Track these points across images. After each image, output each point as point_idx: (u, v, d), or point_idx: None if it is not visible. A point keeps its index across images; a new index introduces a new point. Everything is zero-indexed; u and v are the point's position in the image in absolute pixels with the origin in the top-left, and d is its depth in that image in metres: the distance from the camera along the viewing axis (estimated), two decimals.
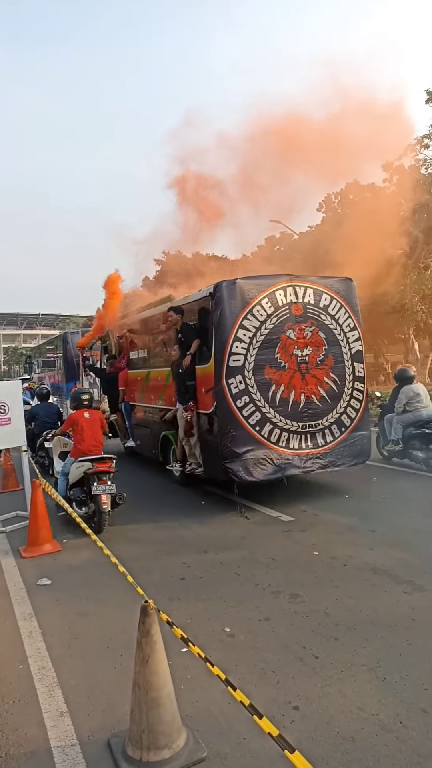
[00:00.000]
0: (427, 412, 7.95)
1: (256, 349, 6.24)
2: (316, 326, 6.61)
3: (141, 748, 2.24)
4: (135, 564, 4.61)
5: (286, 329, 6.40)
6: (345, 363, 6.82)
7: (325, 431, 6.60)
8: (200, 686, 2.83)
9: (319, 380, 6.59)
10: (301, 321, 6.52)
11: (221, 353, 6.16)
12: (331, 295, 6.76)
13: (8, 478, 8.39)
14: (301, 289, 6.59)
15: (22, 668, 3.16)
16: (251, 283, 6.36)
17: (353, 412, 6.83)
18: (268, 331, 6.30)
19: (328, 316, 6.73)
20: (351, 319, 6.90)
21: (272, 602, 3.83)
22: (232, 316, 6.17)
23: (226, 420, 6.14)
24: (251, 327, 6.22)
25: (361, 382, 6.95)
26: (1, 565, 4.98)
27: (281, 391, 6.33)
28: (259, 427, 6.19)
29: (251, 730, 2.42)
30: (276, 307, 6.38)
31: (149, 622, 2.28)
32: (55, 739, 2.50)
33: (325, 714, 2.57)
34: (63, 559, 5.03)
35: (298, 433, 6.42)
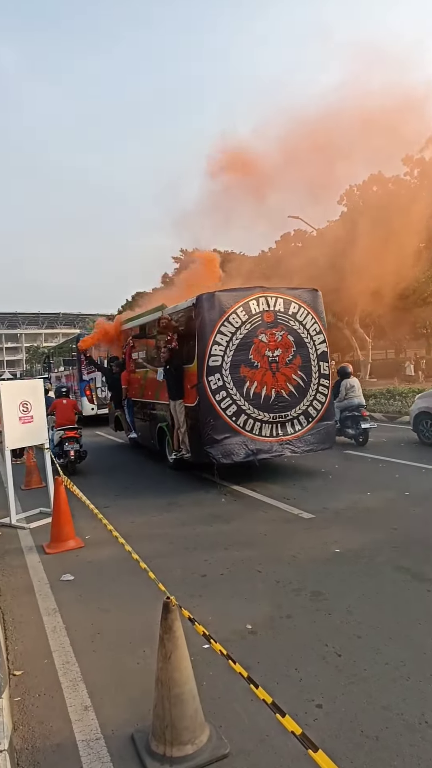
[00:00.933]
0: (358, 400, 10.10)
1: (232, 351, 7.25)
2: (285, 331, 7.60)
3: (164, 743, 2.25)
4: (156, 561, 4.64)
5: (259, 333, 7.40)
6: (312, 362, 7.84)
7: (294, 421, 7.61)
8: (222, 683, 2.84)
9: (288, 377, 7.60)
10: (272, 326, 7.51)
11: (202, 355, 7.17)
12: (299, 303, 7.77)
13: (32, 476, 8.52)
14: (272, 299, 7.60)
15: (47, 662, 3.21)
16: (228, 295, 7.39)
17: (319, 404, 7.85)
18: (243, 335, 7.31)
19: (297, 322, 7.73)
20: (317, 324, 7.93)
21: (294, 599, 3.82)
22: (211, 323, 7.18)
23: (206, 412, 7.14)
24: (228, 332, 7.24)
25: (326, 378, 7.94)
26: (26, 560, 5.06)
27: (254, 386, 7.33)
28: (236, 418, 7.21)
29: (274, 727, 2.42)
30: (250, 314, 7.38)
31: (171, 618, 2.29)
32: (80, 733, 2.54)
33: (348, 712, 2.55)
34: (86, 555, 5.08)
35: (270, 422, 7.42)
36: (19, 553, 5.32)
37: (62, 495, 5.41)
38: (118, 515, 6.28)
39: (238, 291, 7.63)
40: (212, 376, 7.15)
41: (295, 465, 8.60)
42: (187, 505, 6.67)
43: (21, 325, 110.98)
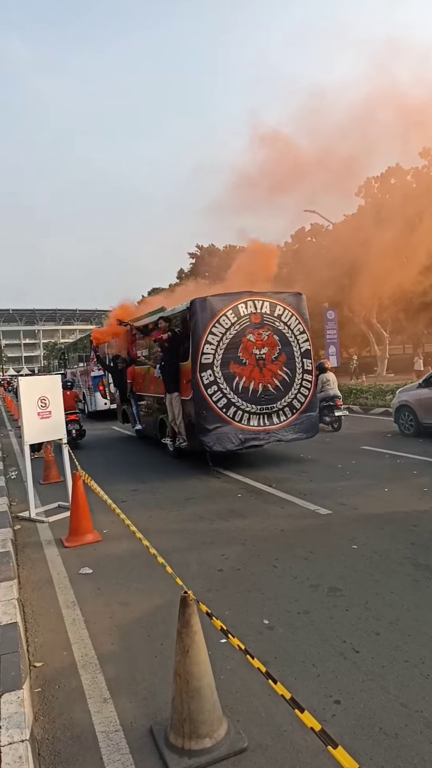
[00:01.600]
0: (333, 392, 11.78)
1: (222, 350, 7.94)
2: (271, 331, 8.28)
3: (183, 736, 2.27)
4: (173, 555, 4.67)
5: (247, 333, 8.08)
6: (296, 359, 8.50)
7: (279, 412, 8.32)
8: (240, 677, 2.84)
9: (274, 373, 8.28)
10: (259, 327, 8.18)
11: (195, 353, 7.87)
12: (284, 306, 8.43)
13: (50, 470, 8.61)
14: (259, 302, 8.25)
15: (66, 654, 3.25)
16: (219, 299, 8.08)
17: (303, 397, 8.54)
18: (233, 335, 7.99)
19: (282, 323, 8.39)
20: (300, 324, 8.58)
21: (311, 595, 3.81)
22: (203, 325, 7.87)
23: (199, 404, 7.86)
24: (218, 332, 7.92)
25: (309, 374, 8.66)
26: (45, 554, 5.13)
27: (243, 381, 8.03)
28: (226, 410, 7.90)
29: (292, 722, 2.42)
30: (239, 316, 8.06)
31: (189, 612, 2.30)
32: (99, 724, 2.57)
33: (366, 709, 2.54)
34: (104, 549, 5.13)
35: (257, 414, 8.12)
36: (38, 546, 5.39)
37: (80, 489, 5.46)
38: (136, 509, 6.33)
39: (228, 295, 8.29)
40: (204, 372, 7.84)
41: (312, 460, 8.57)
42: (204, 500, 6.68)
43: (39, 321, 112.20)
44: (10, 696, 2.57)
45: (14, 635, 3.19)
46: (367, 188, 28.51)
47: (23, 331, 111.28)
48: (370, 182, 28.37)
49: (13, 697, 2.55)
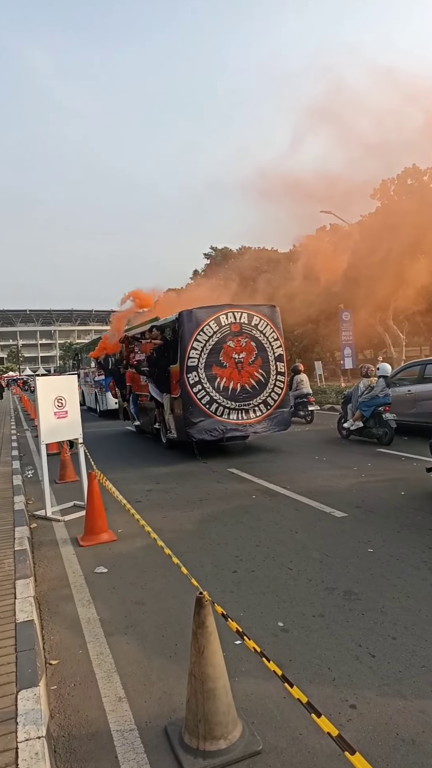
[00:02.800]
0: (306, 390, 13.51)
1: (206, 354, 9.27)
2: (248, 338, 9.63)
3: (198, 737, 2.27)
4: (188, 555, 4.68)
5: (228, 340, 9.43)
6: (270, 363, 9.83)
7: (255, 408, 9.64)
8: (254, 679, 2.84)
9: (251, 374, 9.62)
10: (238, 335, 9.55)
11: (183, 357, 9.21)
12: (260, 317, 9.78)
13: (65, 469, 8.68)
14: (238, 314, 9.61)
15: (82, 653, 3.27)
16: (203, 311, 9.44)
17: (276, 396, 9.87)
18: (215, 342, 9.33)
19: (258, 331, 9.74)
20: (275, 332, 9.93)
21: (326, 598, 3.78)
22: (189, 333, 9.22)
23: (186, 401, 9.21)
24: (202, 340, 9.27)
25: (282, 375, 9.95)
26: (61, 552, 5.18)
27: (224, 381, 9.37)
28: (209, 406, 9.22)
29: (307, 725, 2.41)
30: (220, 326, 9.41)
31: (204, 613, 2.30)
32: (114, 723, 2.58)
33: (383, 714, 2.51)
34: (118, 548, 5.16)
35: (236, 409, 9.46)
36: (54, 544, 5.44)
37: (95, 489, 5.50)
38: (150, 509, 6.35)
39: (211, 308, 9.62)
40: (190, 374, 9.18)
41: (327, 462, 8.51)
42: (218, 500, 6.68)
43: (55, 322, 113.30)
44: (27, 693, 2.59)
45: (30, 633, 3.22)
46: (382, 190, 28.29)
47: (40, 331, 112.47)
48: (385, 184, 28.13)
49: (30, 694, 2.58)
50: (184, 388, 9.21)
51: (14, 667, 2.84)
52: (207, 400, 9.19)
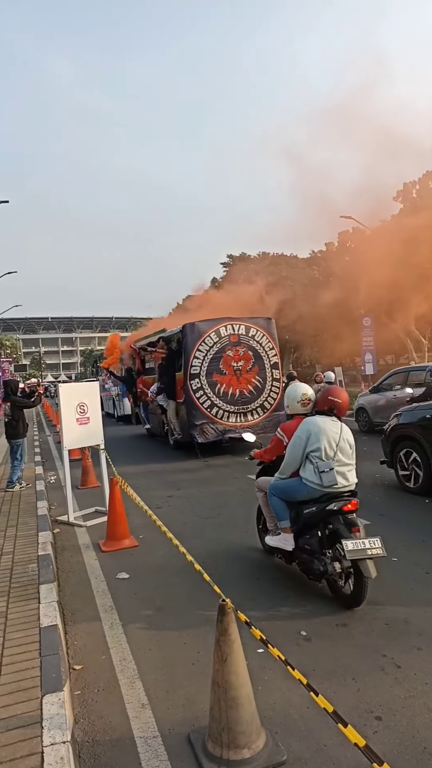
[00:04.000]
0: None
1: (207, 363, 10.28)
2: (246, 348, 10.62)
3: (221, 746, 2.26)
4: (209, 562, 4.67)
5: (227, 350, 10.45)
6: (266, 370, 10.87)
7: (253, 411, 10.69)
8: (278, 688, 2.81)
9: (249, 381, 10.62)
10: (237, 345, 10.55)
11: (186, 365, 10.30)
12: (257, 328, 10.81)
13: (87, 475, 8.76)
14: (236, 326, 10.63)
15: (105, 659, 3.29)
16: (204, 323, 10.51)
17: (272, 400, 10.88)
18: (215, 351, 10.35)
19: (255, 341, 10.75)
20: (270, 342, 10.94)
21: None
22: (192, 344, 10.27)
23: (189, 405, 10.26)
24: (204, 350, 10.29)
25: (277, 381, 10.99)
26: (83, 558, 5.22)
27: (224, 387, 10.37)
28: (210, 409, 10.27)
29: (332, 736, 2.38)
30: (220, 337, 10.43)
31: (227, 620, 2.29)
32: (137, 730, 2.58)
33: (410, 727, 2.47)
34: (140, 554, 5.18)
35: (235, 413, 10.50)
36: (76, 550, 5.49)
37: (117, 495, 5.54)
38: (171, 515, 6.37)
39: (211, 320, 10.72)
40: (193, 381, 10.18)
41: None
42: (239, 507, 6.66)
43: (76, 329, 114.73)
44: (52, 697, 2.62)
45: (54, 637, 3.25)
46: (405, 193, 28.05)
47: (61, 338, 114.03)
48: (408, 186, 27.90)
49: (54, 699, 2.60)
50: (187, 394, 10.23)
51: (39, 672, 2.88)
52: (208, 404, 10.22)
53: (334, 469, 3.89)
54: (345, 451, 3.99)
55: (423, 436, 6.51)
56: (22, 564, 4.69)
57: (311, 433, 3.96)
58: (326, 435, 3.93)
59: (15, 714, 2.52)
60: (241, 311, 19.37)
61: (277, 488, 4.20)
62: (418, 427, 6.64)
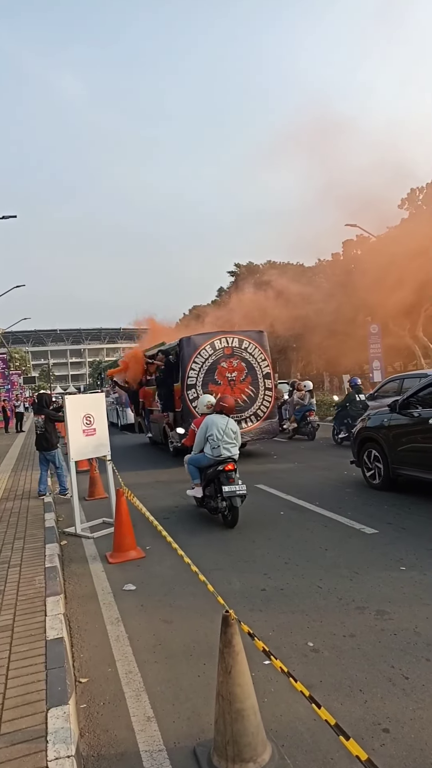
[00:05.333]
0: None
1: (203, 374, 10.94)
2: (239, 359, 11.31)
3: (226, 759, 2.24)
4: (215, 573, 4.66)
5: (221, 361, 11.12)
6: (259, 380, 11.49)
7: (247, 419, 11.29)
8: (284, 700, 2.79)
9: (242, 390, 11.27)
10: (230, 357, 11.23)
11: (183, 376, 10.97)
12: (249, 341, 11.49)
13: (95, 486, 8.78)
14: (230, 339, 11.35)
15: (111, 671, 3.28)
16: (200, 337, 11.23)
17: (265, 408, 11.54)
18: (210, 363, 11.03)
19: (248, 353, 11.42)
20: (262, 354, 11.60)
21: (357, 618, 3.70)
22: (188, 356, 10.95)
23: (186, 414, 10.75)
24: (200, 361, 10.98)
25: (269, 390, 11.61)
26: (90, 569, 5.22)
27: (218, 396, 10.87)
28: None
29: (339, 749, 2.35)
30: (215, 349, 11.13)
31: (231, 632, 2.28)
32: (143, 743, 2.57)
33: (418, 739, 2.43)
34: (147, 565, 5.17)
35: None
36: (83, 561, 5.49)
37: (123, 506, 5.54)
38: (178, 526, 6.36)
39: (206, 334, 11.51)
40: (190, 391, 10.79)
41: (355, 478, 8.37)
42: (246, 516, 6.63)
43: (84, 340, 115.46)
44: (57, 711, 2.61)
45: (60, 650, 3.25)
46: (411, 199, 28.07)
47: (70, 350, 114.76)
48: (414, 192, 27.92)
49: (60, 712, 2.59)
50: (184, 403, 10.86)
51: (44, 685, 2.87)
52: None
53: (221, 446, 6.34)
54: (229, 435, 6.42)
55: (382, 438, 7.41)
56: (28, 576, 4.70)
57: (208, 425, 6.46)
58: (217, 426, 6.41)
59: (20, 728, 2.52)
60: (248, 322, 19.79)
61: (191, 459, 6.79)
62: (378, 430, 7.54)
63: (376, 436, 7.57)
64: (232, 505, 6.10)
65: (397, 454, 7.08)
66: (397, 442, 7.08)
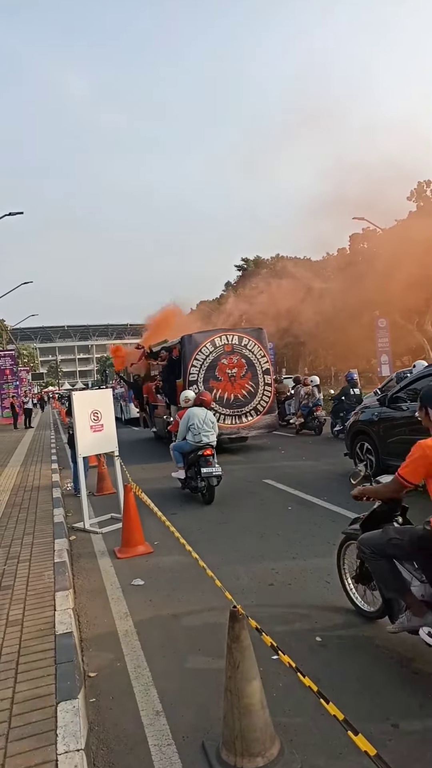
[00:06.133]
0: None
1: (203, 371, 11.34)
2: (239, 356, 11.69)
3: (235, 754, 2.24)
4: (223, 568, 4.66)
5: (222, 358, 11.51)
6: (258, 376, 11.80)
7: (247, 414, 11.58)
8: (292, 695, 2.79)
9: (242, 386, 11.60)
10: (231, 353, 11.61)
11: (185, 373, 11.35)
12: (248, 338, 11.88)
13: (103, 482, 8.82)
14: (230, 336, 11.76)
15: (119, 666, 3.30)
16: (201, 335, 11.74)
17: (264, 403, 11.77)
18: (211, 360, 11.43)
19: (247, 350, 11.79)
20: (261, 350, 11.96)
21: None
22: (190, 353, 11.34)
23: None
24: (201, 358, 11.39)
25: (269, 386, 11.91)
26: (99, 564, 5.25)
27: (219, 392, 11.36)
28: None
29: (348, 744, 2.33)
30: (215, 346, 11.55)
31: (238, 627, 2.28)
32: (152, 737, 2.58)
33: (427, 734, 2.43)
34: (155, 560, 5.19)
35: (230, 415, 11.43)
36: (92, 556, 5.52)
37: (132, 501, 5.56)
38: (185, 521, 6.37)
39: (207, 332, 12.11)
40: (191, 387, 10.84)
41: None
42: (254, 512, 6.64)
43: (92, 336, 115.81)
44: (66, 705, 2.63)
45: (69, 645, 3.27)
46: (419, 192, 27.81)
47: (77, 346, 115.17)
48: (422, 186, 27.66)
49: (69, 707, 2.61)
50: None
51: (54, 679, 2.89)
52: None
53: (201, 434, 7.44)
54: (208, 425, 7.52)
55: (373, 431, 7.72)
56: (38, 571, 4.73)
57: (190, 416, 7.55)
58: (197, 417, 7.51)
59: (30, 722, 2.54)
60: (259, 317, 19.97)
61: (175, 446, 7.81)
62: (369, 424, 7.87)
63: (367, 430, 7.89)
64: (209, 485, 7.12)
65: (387, 446, 7.39)
66: (387, 434, 7.40)
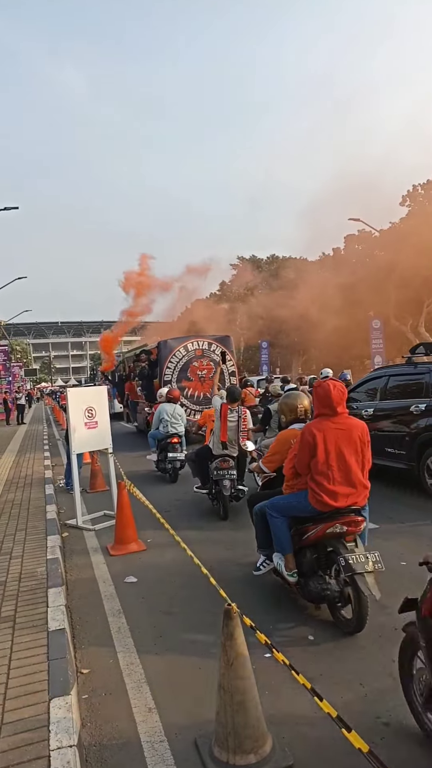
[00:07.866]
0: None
1: (177, 372, 12.95)
2: (209, 360, 13.26)
3: (227, 751, 2.25)
4: (217, 566, 4.67)
5: (193, 361, 13.14)
6: (225, 378, 13.10)
7: None
8: (285, 693, 2.80)
9: (211, 386, 11.42)
10: (201, 357, 13.25)
11: (160, 373, 12.91)
12: (216, 344, 13.47)
13: (96, 479, 8.79)
14: (201, 342, 13.44)
15: (112, 663, 3.30)
16: (174, 341, 13.32)
17: None
18: (183, 363, 13.06)
19: (215, 354, 13.17)
20: (228, 355, 13.46)
21: None
22: (165, 356, 12.96)
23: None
24: (174, 361, 12.99)
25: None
26: (92, 561, 5.24)
27: (190, 391, 13.01)
28: None
29: (340, 742, 2.35)
30: (187, 351, 13.18)
31: (232, 625, 2.29)
32: (144, 734, 2.58)
33: (419, 734, 2.44)
34: (148, 558, 5.19)
35: (200, 411, 11.91)
36: (85, 553, 5.51)
37: (125, 498, 5.55)
38: (179, 519, 6.37)
39: (180, 338, 13.59)
40: (166, 386, 11.77)
41: None
42: (246, 511, 6.64)
43: (85, 333, 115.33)
44: (59, 701, 2.63)
45: (62, 641, 3.27)
46: (412, 196, 27.93)
47: (71, 342, 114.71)
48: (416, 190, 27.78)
49: (62, 703, 2.61)
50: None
51: (46, 675, 2.89)
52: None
53: (169, 425, 8.91)
54: (176, 417, 9.02)
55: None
56: (30, 568, 4.72)
57: (161, 410, 9.05)
58: (166, 411, 8.99)
59: (22, 717, 2.54)
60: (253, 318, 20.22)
61: (151, 434, 9.33)
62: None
63: None
64: (174, 467, 8.71)
65: None
66: None
